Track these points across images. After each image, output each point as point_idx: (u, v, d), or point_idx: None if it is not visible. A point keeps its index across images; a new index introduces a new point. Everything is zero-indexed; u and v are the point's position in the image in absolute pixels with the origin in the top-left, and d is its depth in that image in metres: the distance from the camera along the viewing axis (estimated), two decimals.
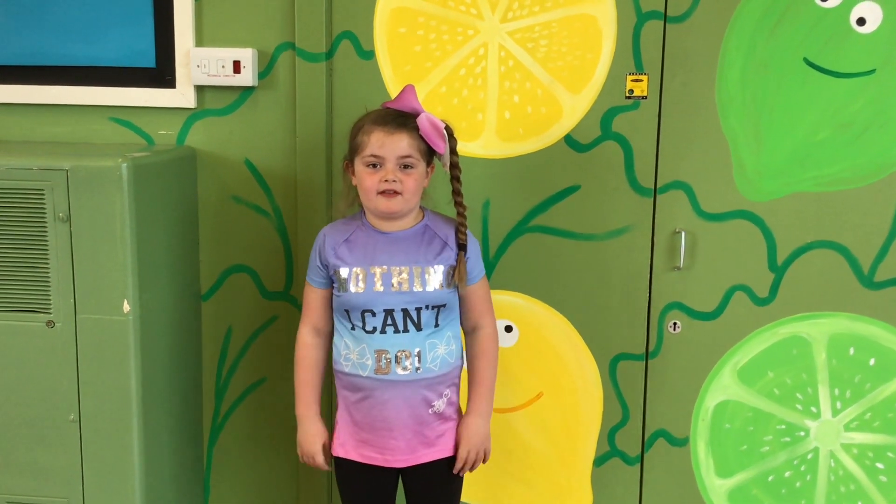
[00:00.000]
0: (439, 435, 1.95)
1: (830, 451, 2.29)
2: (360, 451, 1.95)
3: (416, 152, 1.87)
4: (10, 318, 2.06)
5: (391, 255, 1.90)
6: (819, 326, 2.24)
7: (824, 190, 2.19)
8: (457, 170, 1.92)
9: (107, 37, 2.30)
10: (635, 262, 2.26)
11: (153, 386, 2.13)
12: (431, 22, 2.21)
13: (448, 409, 1.96)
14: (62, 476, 2.10)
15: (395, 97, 1.92)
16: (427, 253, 1.91)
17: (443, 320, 1.92)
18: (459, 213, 1.93)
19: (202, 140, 2.33)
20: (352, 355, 1.92)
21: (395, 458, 1.93)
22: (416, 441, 1.93)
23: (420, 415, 1.92)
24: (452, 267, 1.91)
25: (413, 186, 1.87)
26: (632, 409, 2.32)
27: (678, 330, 2.27)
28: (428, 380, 1.91)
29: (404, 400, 1.90)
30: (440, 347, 1.92)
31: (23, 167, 2.00)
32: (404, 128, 1.85)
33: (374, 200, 1.87)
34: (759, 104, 2.16)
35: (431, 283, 1.89)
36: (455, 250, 1.92)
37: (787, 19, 2.12)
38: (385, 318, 1.89)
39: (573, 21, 2.17)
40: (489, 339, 1.99)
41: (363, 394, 1.92)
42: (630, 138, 2.21)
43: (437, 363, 1.91)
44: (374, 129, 1.85)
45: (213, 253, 2.37)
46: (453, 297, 1.94)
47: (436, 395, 1.92)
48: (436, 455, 1.95)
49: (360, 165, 1.88)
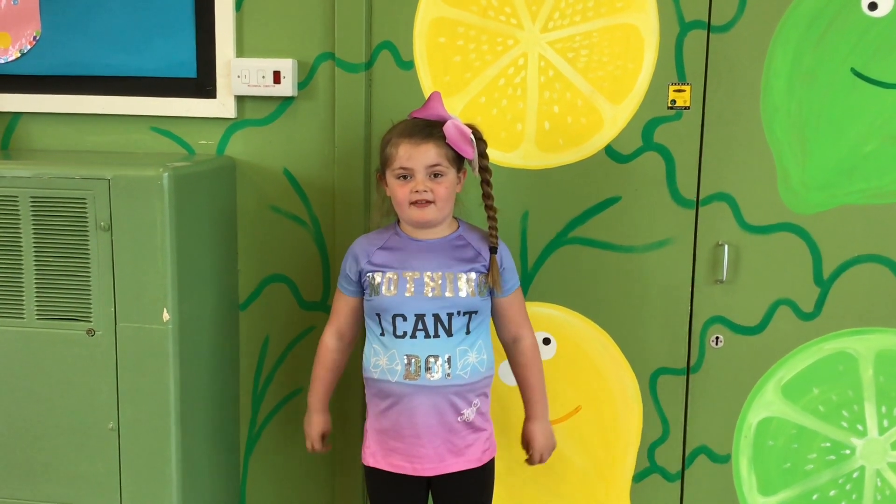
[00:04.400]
0: (468, 445, 1.95)
1: (877, 470, 2.23)
2: (389, 460, 1.96)
3: (444, 160, 1.88)
4: (52, 327, 2.07)
5: (424, 262, 1.91)
6: (866, 342, 2.19)
7: (872, 203, 2.14)
8: (487, 173, 1.93)
9: (149, 48, 2.32)
10: (677, 275, 2.22)
11: (191, 395, 2.14)
12: (471, 32, 2.20)
13: (478, 418, 1.95)
14: (100, 484, 2.11)
15: (422, 106, 1.93)
16: (459, 260, 1.92)
17: (474, 328, 1.92)
18: (490, 216, 1.93)
19: (242, 150, 2.34)
20: (381, 361, 1.92)
21: (422, 466, 1.93)
22: (444, 449, 1.92)
23: (449, 422, 1.91)
24: (484, 275, 1.92)
25: (444, 194, 1.88)
26: (672, 425, 2.29)
27: (720, 344, 2.24)
28: (457, 386, 1.91)
29: (433, 406, 1.90)
30: (471, 355, 1.92)
31: (65, 176, 2.02)
32: (431, 137, 1.87)
33: (408, 211, 1.89)
34: (805, 115, 2.12)
35: (463, 289, 1.90)
36: (487, 259, 1.92)
37: (834, 29, 2.08)
38: (416, 323, 1.89)
39: (614, 31, 2.15)
40: (532, 349, 2.02)
41: (392, 400, 1.92)
42: (672, 149, 2.18)
43: (467, 371, 1.91)
44: (402, 142, 1.87)
45: (251, 262, 2.38)
46: (485, 305, 1.94)
47: (465, 404, 1.92)
48: (464, 465, 1.95)
49: (391, 178, 1.90)
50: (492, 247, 1.93)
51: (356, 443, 2.33)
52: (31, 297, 2.07)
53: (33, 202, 2.03)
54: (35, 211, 2.03)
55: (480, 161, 1.92)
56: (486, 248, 1.94)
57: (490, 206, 1.93)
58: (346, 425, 2.34)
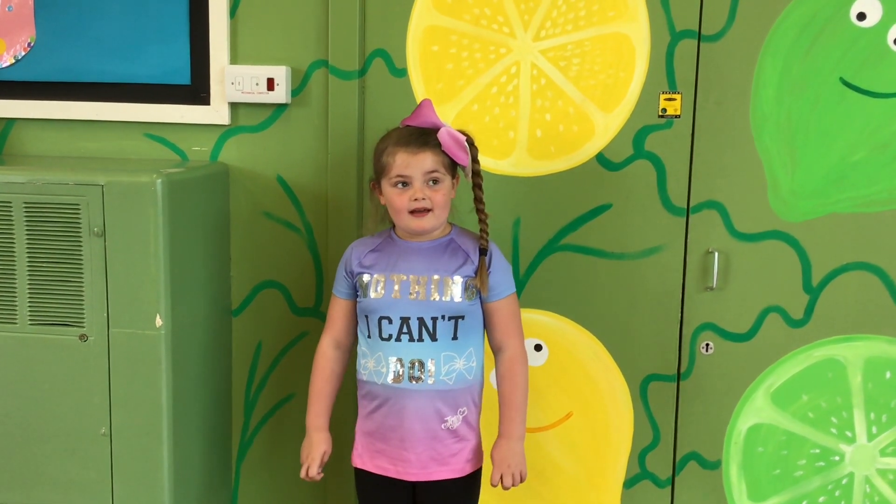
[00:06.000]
0: (453, 454, 1.94)
1: (866, 477, 2.25)
2: (375, 462, 1.97)
3: (441, 167, 1.89)
4: (44, 332, 2.08)
5: (412, 265, 1.92)
6: (855, 349, 2.20)
7: (861, 211, 2.16)
8: (479, 178, 1.94)
9: (143, 54, 2.33)
10: (667, 282, 2.23)
11: (184, 400, 2.14)
12: (464, 40, 2.22)
13: (463, 427, 1.95)
14: (92, 490, 2.11)
15: (413, 113, 1.94)
16: (448, 264, 1.93)
17: (462, 334, 1.92)
18: (481, 219, 1.95)
19: (235, 156, 2.34)
20: (369, 363, 1.94)
21: (406, 470, 1.94)
22: (428, 456, 1.92)
23: (432, 429, 1.91)
24: (472, 279, 1.92)
25: (442, 200, 1.89)
26: (663, 431, 2.29)
27: (711, 351, 2.25)
28: (441, 392, 1.91)
29: (416, 411, 1.90)
30: (458, 361, 1.92)
31: (59, 182, 2.02)
32: (427, 145, 1.88)
33: (406, 220, 1.90)
34: (794, 124, 2.14)
35: (449, 293, 1.90)
36: (477, 264, 1.93)
37: (824, 39, 2.10)
38: (401, 326, 1.90)
39: (606, 40, 2.17)
40: (513, 361, 1.97)
41: (378, 402, 1.94)
42: (663, 157, 2.19)
43: (452, 377, 1.91)
44: (398, 150, 1.88)
45: (244, 268, 2.38)
46: (473, 311, 1.94)
47: (450, 411, 1.92)
48: (448, 474, 1.95)
49: (388, 186, 1.90)
50: (482, 248, 1.94)
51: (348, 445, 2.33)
52: (23, 302, 2.07)
53: (27, 208, 2.03)
54: (28, 216, 2.04)
55: (473, 166, 1.94)
56: (477, 251, 1.95)
57: (481, 210, 1.95)
58: (338, 429, 2.34)
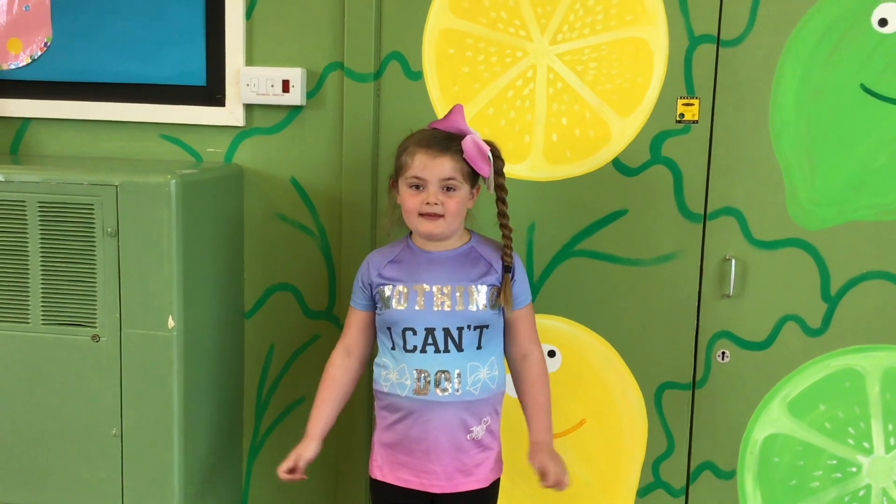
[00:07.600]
0: (477, 464, 1.93)
1: (883, 489, 2.22)
2: (397, 474, 1.93)
3: (459, 175, 1.86)
4: (57, 332, 2.08)
5: (435, 275, 1.89)
6: (873, 359, 2.17)
7: (880, 219, 2.13)
8: (503, 191, 1.91)
9: (159, 55, 2.33)
10: (683, 289, 2.21)
11: (195, 402, 2.13)
12: (480, 43, 2.21)
13: (486, 437, 1.93)
14: (103, 490, 2.11)
15: (443, 117, 1.92)
16: (471, 273, 1.90)
17: (486, 343, 1.90)
18: (505, 234, 1.91)
19: (249, 158, 2.34)
20: (391, 375, 1.91)
21: (431, 482, 1.91)
22: (454, 468, 1.90)
23: (458, 440, 1.89)
24: (496, 288, 1.89)
25: (455, 208, 1.86)
26: (677, 440, 2.27)
27: (727, 359, 2.22)
28: (467, 403, 1.88)
29: (442, 422, 1.88)
30: (482, 371, 1.90)
31: (73, 182, 2.02)
32: (448, 151, 1.85)
33: (416, 222, 1.88)
34: (813, 130, 2.12)
35: (474, 302, 1.88)
36: (500, 273, 1.90)
37: (845, 45, 2.08)
38: (426, 337, 1.87)
39: (624, 44, 2.15)
40: (542, 365, 1.98)
41: (401, 414, 1.90)
42: (680, 163, 2.17)
43: (477, 387, 1.89)
44: (418, 151, 1.85)
45: (257, 271, 2.38)
46: (497, 320, 1.92)
47: (475, 421, 1.90)
48: (473, 485, 1.92)
49: (404, 186, 1.88)
50: (506, 265, 1.90)
51: (359, 454, 2.32)
52: (36, 301, 2.07)
53: (41, 207, 2.04)
54: (42, 216, 2.04)
55: (497, 179, 1.90)
56: (499, 260, 1.92)
57: (505, 225, 1.91)
58: (349, 437, 2.33)
